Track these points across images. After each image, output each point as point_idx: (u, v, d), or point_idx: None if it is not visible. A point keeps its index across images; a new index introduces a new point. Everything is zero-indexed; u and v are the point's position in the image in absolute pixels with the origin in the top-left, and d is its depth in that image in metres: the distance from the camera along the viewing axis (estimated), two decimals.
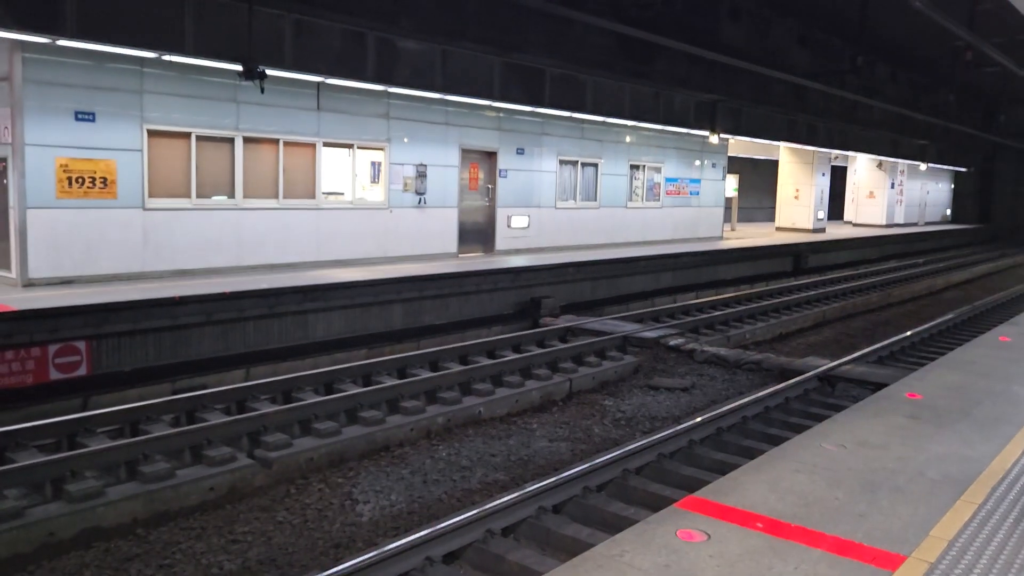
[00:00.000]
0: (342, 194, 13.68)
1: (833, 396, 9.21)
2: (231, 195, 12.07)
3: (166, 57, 10.21)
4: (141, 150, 10.94)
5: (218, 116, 11.72)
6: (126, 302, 9.21)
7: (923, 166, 32.85)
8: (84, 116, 10.34)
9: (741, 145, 24.59)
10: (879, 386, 8.10)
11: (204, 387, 8.88)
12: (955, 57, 20.36)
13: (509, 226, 16.57)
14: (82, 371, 8.81)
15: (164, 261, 11.31)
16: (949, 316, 14.74)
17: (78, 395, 8.59)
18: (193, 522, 6.00)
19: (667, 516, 4.25)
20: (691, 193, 22.06)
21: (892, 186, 32.84)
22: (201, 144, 11.62)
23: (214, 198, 11.91)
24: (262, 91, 10.29)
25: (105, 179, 10.60)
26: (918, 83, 24.70)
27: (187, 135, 11.45)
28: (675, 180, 21.34)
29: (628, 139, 19.47)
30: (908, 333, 12.72)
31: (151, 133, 11.06)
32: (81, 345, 8.80)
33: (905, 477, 4.88)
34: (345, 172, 13.67)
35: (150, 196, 11.12)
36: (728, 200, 24.87)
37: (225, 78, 11.36)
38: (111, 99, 10.60)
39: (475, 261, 14.88)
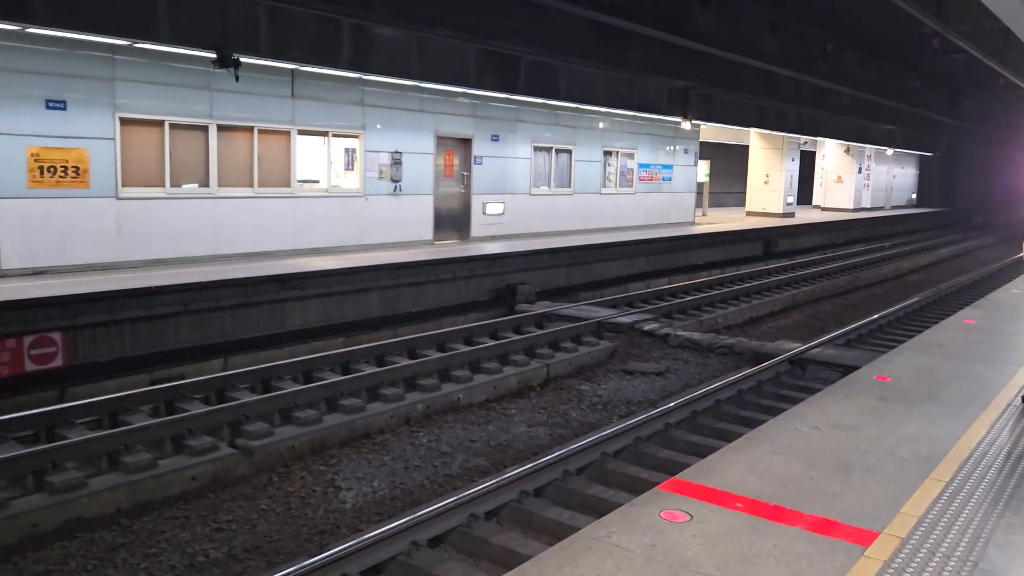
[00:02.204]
0: (317, 182, 13.63)
1: (804, 379, 9.42)
2: (205, 184, 11.98)
3: (139, 44, 10.09)
4: (114, 139, 10.82)
5: (192, 104, 11.61)
6: (101, 292, 9.15)
7: (890, 151, 33.37)
8: (55, 104, 10.20)
9: (712, 131, 24.80)
10: (849, 369, 8.30)
11: (182, 377, 8.86)
12: (922, 44, 20.67)
13: (484, 213, 16.61)
14: (58, 362, 8.74)
15: (138, 251, 11.21)
16: (915, 299, 15.07)
17: (54, 386, 8.53)
18: (177, 511, 6.02)
19: (651, 498, 4.37)
20: (663, 179, 22.23)
21: (859, 171, 33.31)
22: (175, 132, 11.51)
23: (188, 187, 11.82)
24: (236, 79, 10.23)
25: (77, 168, 10.48)
26: (886, 70, 25.03)
27: (160, 123, 11.33)
28: (648, 166, 21.49)
29: (602, 125, 19.57)
30: (876, 316, 13.00)
31: (124, 121, 10.93)
32: (56, 336, 8.73)
33: (876, 457, 5.05)
34: (320, 160, 13.61)
35: (123, 185, 11.01)
36: (700, 185, 25.09)
37: (199, 65, 11.25)
38: (83, 87, 10.45)
39: (451, 248, 14.92)
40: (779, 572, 3.59)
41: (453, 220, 16.07)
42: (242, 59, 10.28)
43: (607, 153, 20.03)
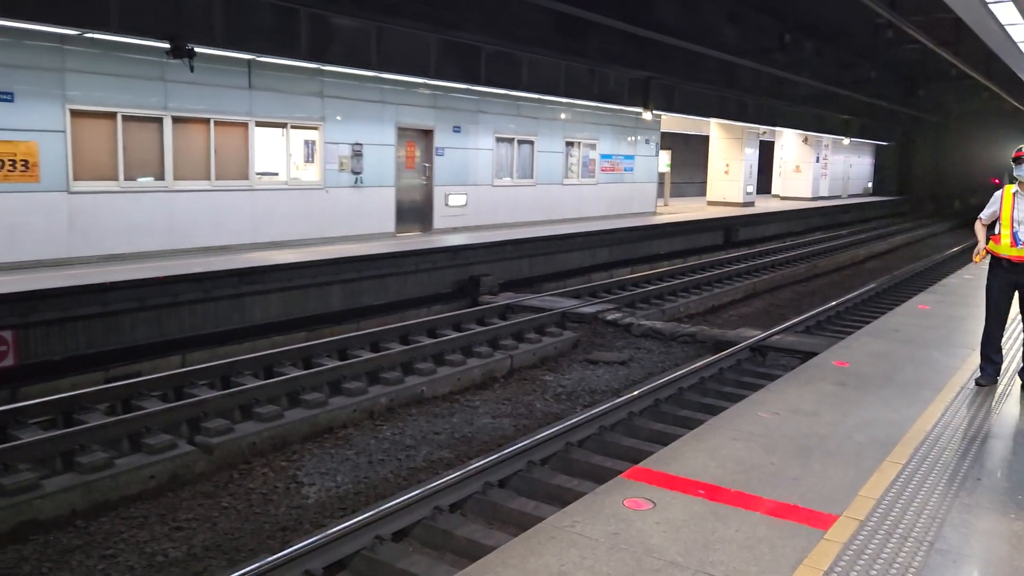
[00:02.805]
0: (276, 174, 13.44)
1: (764, 365, 9.54)
2: (161, 177, 11.73)
3: (89, 34, 9.83)
4: (64, 131, 10.54)
5: (145, 95, 11.36)
6: (54, 289, 8.93)
7: (846, 140, 33.89)
8: (2, 96, 9.89)
9: (673, 121, 24.95)
10: (808, 355, 8.42)
11: (139, 374, 8.68)
12: (877, 34, 21.01)
13: (447, 204, 16.53)
14: (9, 361, 8.52)
15: (92, 246, 10.96)
16: (872, 286, 15.34)
17: (6, 386, 8.29)
18: (134, 511, 5.91)
19: (614, 486, 4.38)
20: (625, 169, 22.32)
21: (817, 160, 33.79)
22: (128, 124, 11.26)
23: (143, 180, 11.56)
24: (191, 69, 10.05)
25: (26, 161, 10.19)
26: (842, 60, 25.39)
27: (113, 115, 11.07)
28: (610, 156, 21.56)
29: (563, 116, 19.57)
30: (834, 303, 13.20)
31: (74, 113, 10.66)
32: (7, 334, 8.50)
33: (835, 441, 5.13)
34: (279, 152, 13.42)
35: (75, 179, 10.74)
36: (661, 176, 25.24)
37: (152, 56, 10.97)
38: (31, 78, 10.16)
39: (413, 240, 14.83)
40: (741, 557, 3.62)
41: (415, 212, 15.97)
42: (197, 49, 10.08)
43: (569, 144, 20.06)
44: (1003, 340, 6.52)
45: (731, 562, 3.57)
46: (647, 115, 19.83)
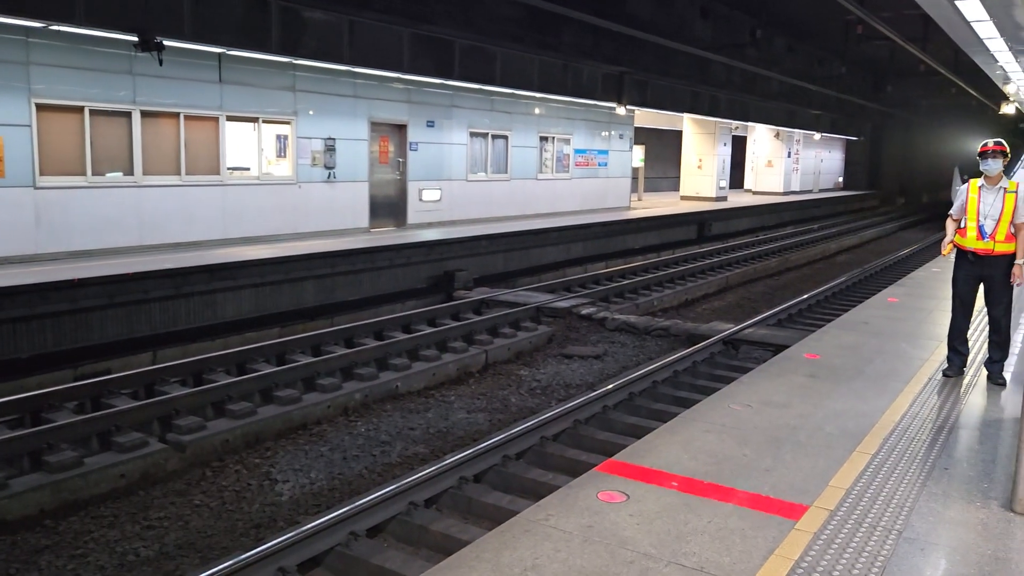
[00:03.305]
0: (248, 169, 13.31)
1: (737, 358, 9.62)
2: (130, 172, 11.57)
3: (55, 27, 9.66)
4: (30, 125, 10.36)
5: (113, 89, 11.19)
6: (20, 286, 8.78)
7: (817, 135, 34.23)
8: None
9: (647, 116, 25.05)
10: (780, 348, 8.50)
11: (109, 372, 8.58)
12: (847, 31, 21.24)
13: (421, 199, 16.47)
14: None
15: (60, 242, 10.79)
16: (842, 279, 15.54)
17: None
18: (104, 510, 5.83)
19: (588, 480, 4.40)
20: (599, 164, 22.37)
21: (789, 155, 34.09)
22: (95, 118, 11.08)
23: (111, 175, 11.40)
24: (160, 63, 9.91)
25: None
26: (813, 56, 25.65)
27: (80, 109, 10.89)
28: (584, 151, 21.61)
29: (538, 111, 19.57)
30: (805, 296, 13.35)
31: (40, 107, 10.48)
32: None
33: (806, 433, 5.19)
34: (251, 147, 13.28)
35: (42, 174, 10.57)
36: (635, 171, 25.34)
37: (120, 49, 10.83)
38: None
39: (387, 236, 14.76)
40: (713, 548, 3.65)
41: (389, 207, 15.90)
42: (166, 43, 9.95)
43: (543, 139, 20.06)
44: (969, 332, 6.63)
45: (704, 553, 3.60)
46: (621, 110, 19.90)
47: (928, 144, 41.30)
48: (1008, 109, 24.25)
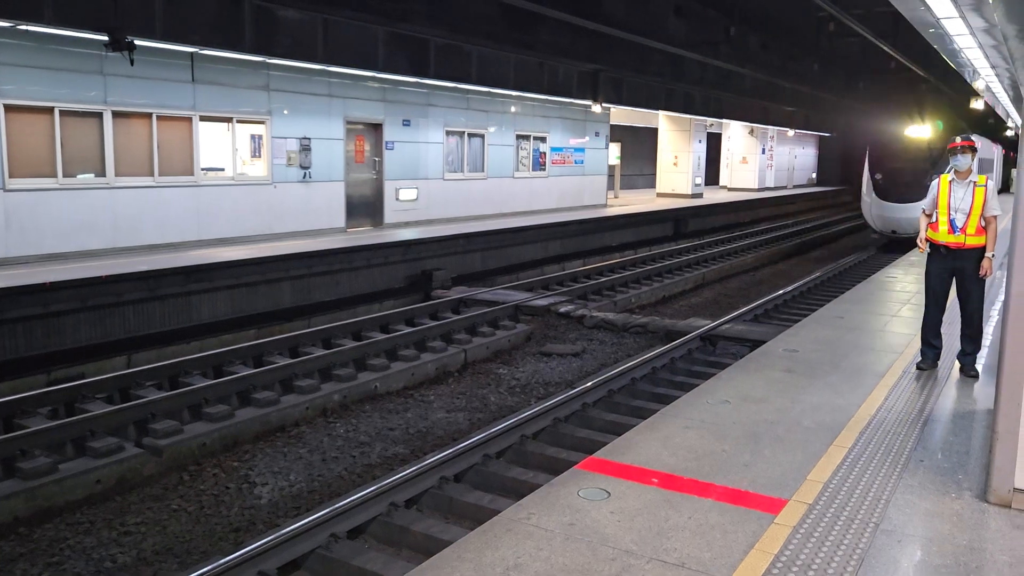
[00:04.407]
0: (222, 170, 13.19)
1: (715, 354, 9.68)
2: (102, 173, 11.43)
3: (23, 27, 9.50)
4: None
5: (83, 89, 11.04)
6: None
7: (791, 132, 34.51)
8: None
9: (623, 114, 25.11)
10: (757, 343, 8.57)
11: (83, 377, 8.44)
12: (819, 28, 21.41)
13: (397, 199, 16.41)
14: None
15: (30, 245, 10.63)
16: (817, 274, 15.69)
17: None
18: (80, 516, 5.76)
19: (569, 477, 4.41)
20: (576, 162, 22.42)
21: (763, 151, 34.37)
22: (66, 119, 10.93)
23: (83, 177, 11.25)
24: (132, 63, 9.78)
25: None
26: (786, 53, 25.79)
27: (50, 110, 10.74)
28: (560, 149, 21.64)
29: (514, 109, 19.57)
30: (781, 292, 13.46)
31: (8, 108, 10.32)
32: None
33: (784, 427, 5.23)
34: (225, 147, 13.16)
35: (10, 176, 10.41)
36: (611, 168, 25.42)
37: (90, 48, 10.68)
38: None
39: (364, 235, 14.69)
40: (694, 543, 3.67)
41: (366, 207, 15.82)
42: (137, 42, 9.82)
43: (520, 137, 20.07)
44: (942, 325, 6.72)
45: (684, 549, 3.62)
46: (596, 108, 19.94)
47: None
48: (977, 104, 24.63)
